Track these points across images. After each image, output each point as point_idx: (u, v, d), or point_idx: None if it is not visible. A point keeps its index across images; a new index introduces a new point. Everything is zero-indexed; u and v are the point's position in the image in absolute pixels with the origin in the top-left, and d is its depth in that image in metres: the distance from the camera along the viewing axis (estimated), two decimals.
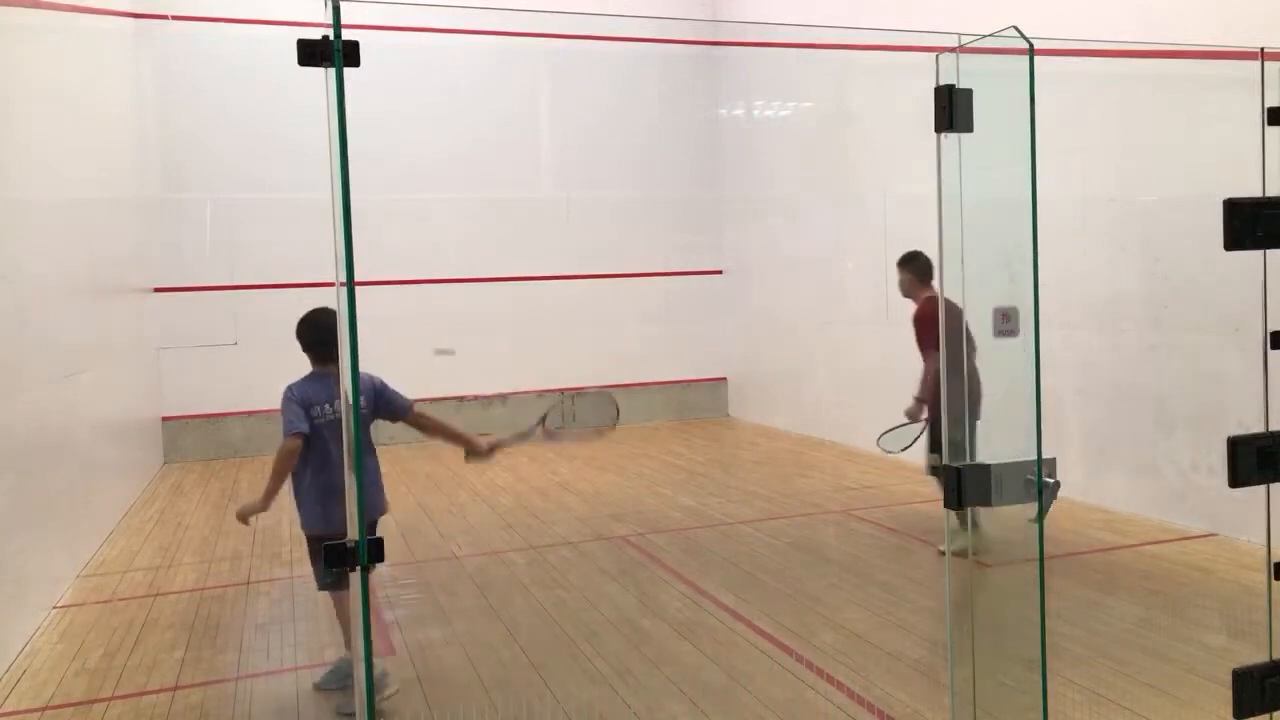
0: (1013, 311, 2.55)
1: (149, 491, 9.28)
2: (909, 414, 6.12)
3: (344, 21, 2.16)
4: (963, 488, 2.43)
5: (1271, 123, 2.68)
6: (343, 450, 3.92)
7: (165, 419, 10.79)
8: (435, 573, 6.23)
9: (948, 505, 2.48)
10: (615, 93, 12.45)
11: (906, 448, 6.05)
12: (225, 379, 10.91)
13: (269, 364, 10.93)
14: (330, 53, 2.15)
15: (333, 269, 2.25)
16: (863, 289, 9.91)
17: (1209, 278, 6.15)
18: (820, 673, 4.35)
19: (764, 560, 6.27)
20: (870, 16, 9.18)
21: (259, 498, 4.37)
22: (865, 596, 5.47)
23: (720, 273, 12.98)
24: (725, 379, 13.08)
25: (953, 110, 2.46)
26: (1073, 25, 6.95)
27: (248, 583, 6.17)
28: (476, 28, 11.04)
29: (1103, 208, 6.99)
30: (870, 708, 3.98)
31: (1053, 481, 2.43)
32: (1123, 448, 7.00)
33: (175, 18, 10.58)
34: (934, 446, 6.10)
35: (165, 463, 10.72)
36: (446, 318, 11.67)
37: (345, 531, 4.03)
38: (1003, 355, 2.59)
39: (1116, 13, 6.75)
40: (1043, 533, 2.47)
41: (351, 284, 2.23)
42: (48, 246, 6.42)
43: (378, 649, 4.80)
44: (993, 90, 2.49)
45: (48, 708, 4.31)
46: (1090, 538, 6.36)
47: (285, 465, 4.33)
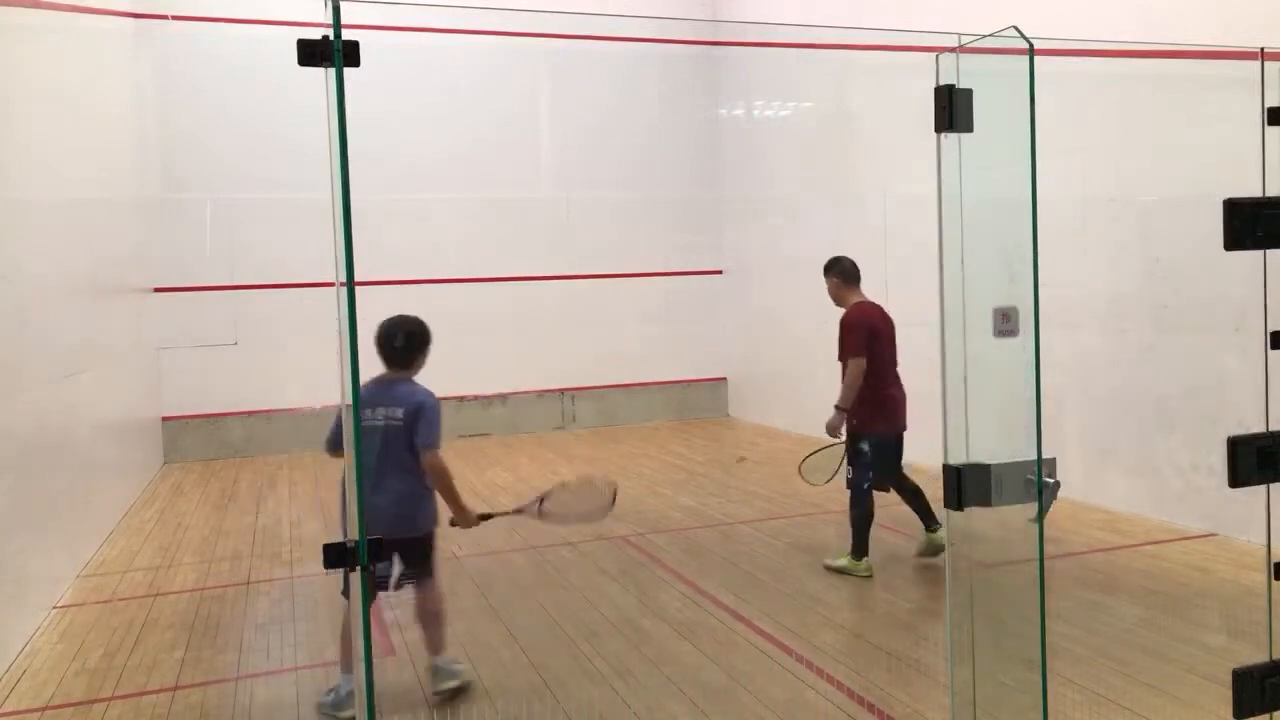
0: (1013, 311, 2.55)
1: (149, 491, 9.28)
2: (830, 427, 5.82)
3: (344, 21, 2.16)
4: (963, 488, 2.43)
5: (1271, 123, 2.68)
6: (385, 456, 4.15)
7: (165, 419, 10.79)
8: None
9: (948, 505, 2.48)
10: (615, 93, 12.45)
11: (830, 479, 5.90)
12: (225, 379, 10.91)
13: (269, 364, 11.00)
14: (330, 53, 2.15)
15: (333, 269, 2.25)
16: (862, 289, 9.90)
17: (1209, 278, 6.15)
18: (820, 673, 4.35)
19: (764, 560, 6.26)
20: (870, 16, 9.18)
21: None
22: (865, 596, 5.47)
23: (720, 273, 12.98)
24: (725, 379, 13.08)
25: (953, 110, 2.46)
26: (1073, 25, 6.95)
27: (248, 583, 6.17)
28: (476, 28, 11.04)
29: (1103, 208, 6.99)
30: (870, 708, 3.98)
31: (1053, 481, 2.42)
32: (1123, 448, 7.00)
33: (175, 18, 10.58)
34: (851, 459, 5.87)
35: (165, 463, 10.72)
36: (446, 318, 11.61)
37: (414, 532, 4.26)
38: (1003, 355, 2.59)
39: (1116, 13, 6.75)
40: (1043, 533, 2.47)
41: (351, 284, 2.23)
42: (48, 246, 6.42)
43: (378, 650, 4.80)
44: (993, 90, 2.49)
45: (48, 708, 4.31)
46: (1090, 538, 6.36)
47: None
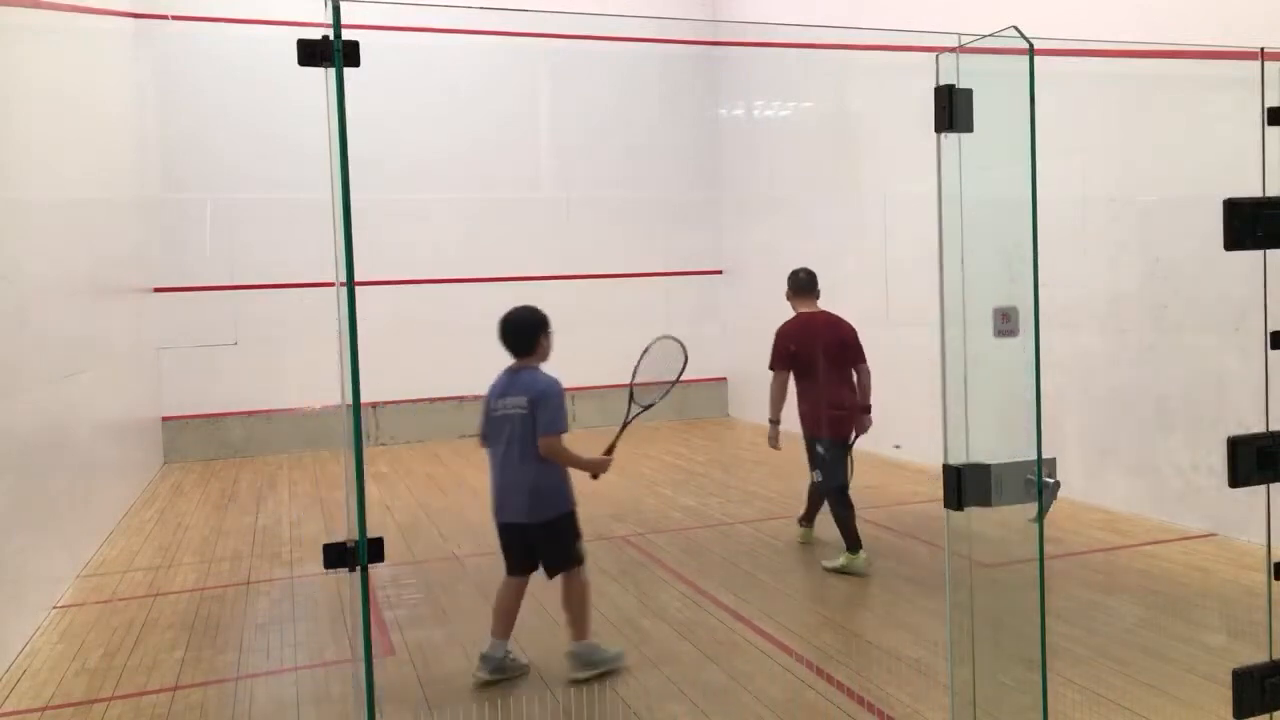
0: (1013, 311, 2.54)
1: (149, 491, 9.28)
2: (768, 439, 6.30)
3: (344, 21, 2.16)
4: (963, 488, 2.43)
5: (1271, 123, 2.68)
6: (514, 443, 4.35)
7: (165, 419, 10.79)
8: (435, 573, 6.22)
9: (948, 505, 2.48)
10: (615, 93, 12.45)
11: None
12: (225, 379, 10.92)
13: (269, 364, 11.00)
14: (330, 53, 2.15)
15: (333, 269, 2.25)
16: (863, 289, 9.90)
17: (1209, 278, 6.15)
18: (820, 673, 4.35)
19: (764, 560, 6.26)
20: (870, 16, 9.18)
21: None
22: (865, 596, 5.47)
23: (720, 273, 12.97)
24: (725, 379, 13.08)
25: (953, 110, 2.46)
26: (1073, 25, 6.95)
27: (248, 583, 6.17)
28: (476, 28, 11.04)
29: (1103, 208, 6.99)
30: (870, 708, 3.98)
31: (1053, 481, 2.42)
32: (1123, 448, 7.00)
33: (175, 18, 10.58)
34: (811, 463, 6.16)
35: (165, 463, 10.72)
36: (447, 318, 11.67)
37: (547, 516, 4.45)
38: (1003, 355, 2.59)
39: (1116, 13, 6.75)
40: (1043, 533, 2.47)
41: (351, 284, 2.23)
42: (48, 246, 6.42)
43: (378, 650, 4.81)
44: (993, 90, 2.49)
45: (48, 708, 4.31)
46: (1090, 538, 6.36)
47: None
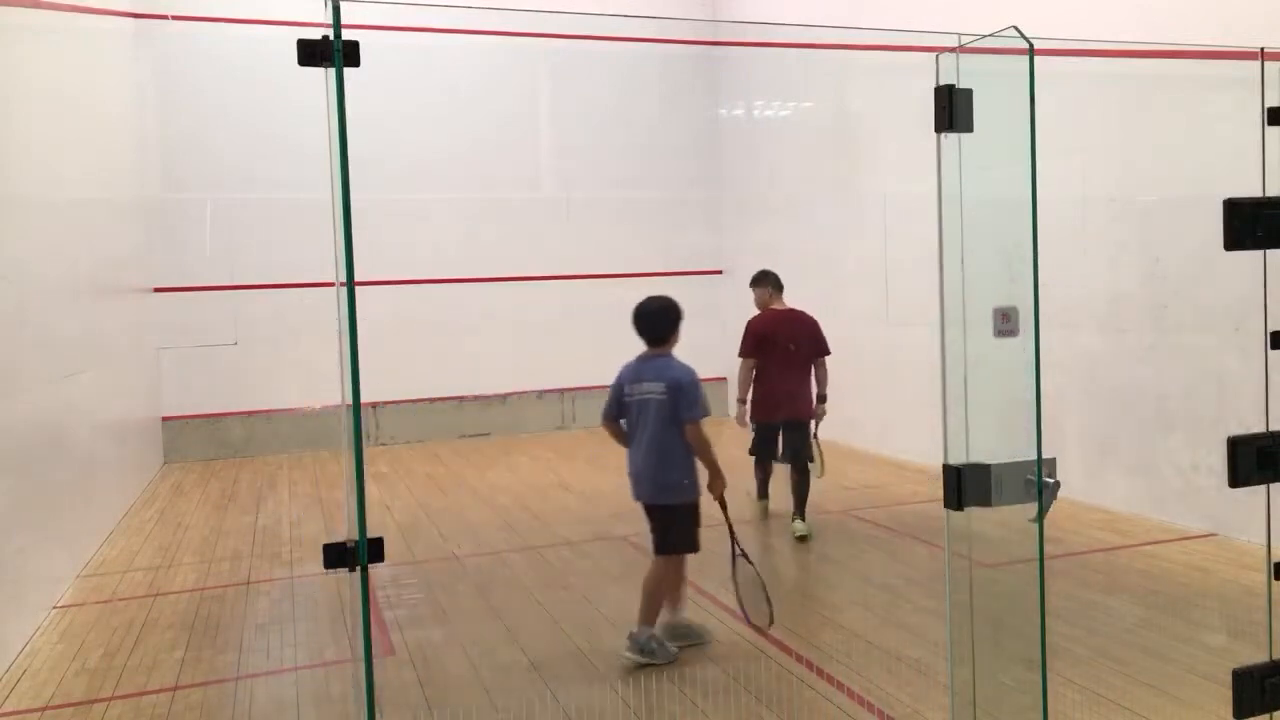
0: (1013, 311, 2.54)
1: (149, 491, 9.28)
2: (735, 418, 6.95)
3: (344, 21, 2.16)
4: (963, 488, 2.42)
5: (1271, 123, 2.68)
6: (647, 428, 4.48)
7: (165, 419, 10.79)
8: (435, 573, 6.23)
9: (948, 505, 2.48)
10: (615, 93, 12.44)
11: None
12: (225, 379, 10.92)
13: (269, 364, 11.00)
14: (330, 53, 2.15)
15: (333, 269, 2.25)
16: (863, 289, 9.91)
17: (1209, 278, 6.15)
18: (820, 673, 4.35)
19: (764, 560, 6.26)
20: (870, 16, 9.18)
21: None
22: (865, 596, 5.47)
23: (720, 273, 12.97)
24: (725, 379, 13.06)
25: (953, 110, 2.46)
26: (1073, 25, 6.95)
27: (248, 583, 6.17)
28: (476, 28, 11.03)
29: (1103, 208, 6.99)
30: (870, 708, 3.98)
31: (1053, 481, 2.42)
32: (1123, 448, 7.00)
33: (175, 18, 10.57)
34: (752, 449, 7.00)
35: (165, 463, 10.72)
36: (446, 318, 11.67)
37: (670, 500, 4.61)
38: (1003, 355, 2.59)
39: (1116, 13, 6.75)
40: (1043, 533, 2.47)
41: (351, 284, 2.23)
42: (48, 246, 6.42)
43: (378, 650, 4.81)
44: (993, 90, 2.49)
45: (48, 708, 4.31)
46: (1090, 538, 6.36)
47: (616, 442, 4.81)
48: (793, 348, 6.71)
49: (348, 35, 2.16)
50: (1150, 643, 4.53)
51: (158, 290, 10.68)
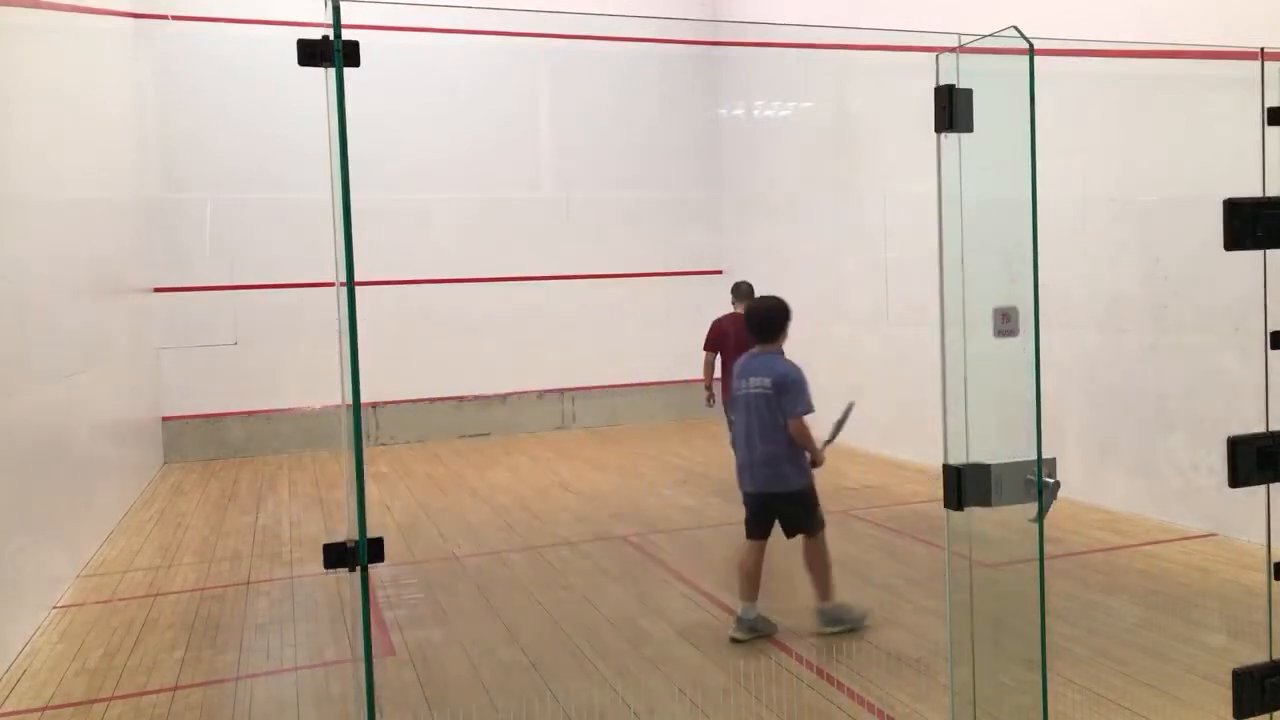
0: (1013, 311, 2.54)
1: (149, 491, 9.28)
2: (707, 401, 8.21)
3: (344, 21, 2.16)
4: (963, 488, 2.42)
5: (1271, 123, 2.68)
6: (756, 421, 4.76)
7: (165, 419, 10.79)
8: (435, 573, 6.23)
9: (948, 505, 2.48)
10: (615, 93, 12.45)
11: None
12: (225, 379, 10.92)
13: (269, 364, 11.00)
14: (330, 53, 2.15)
15: (333, 269, 2.25)
16: (863, 289, 9.91)
17: (1209, 278, 6.15)
18: (820, 673, 4.35)
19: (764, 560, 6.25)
20: (870, 16, 9.18)
21: None
22: (865, 596, 5.46)
23: (720, 273, 12.96)
24: None
25: (953, 110, 2.46)
26: (1073, 25, 6.95)
27: (248, 583, 6.17)
28: (476, 28, 11.04)
29: (1103, 208, 6.99)
30: (870, 708, 3.98)
31: (1053, 481, 2.42)
32: (1123, 448, 7.00)
33: (175, 18, 10.58)
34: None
35: (165, 463, 10.72)
36: (447, 318, 11.67)
37: (786, 489, 4.81)
38: (1003, 355, 2.59)
39: (1116, 13, 6.75)
40: (1043, 533, 2.47)
41: (351, 284, 2.23)
42: (48, 246, 6.42)
43: (378, 650, 4.81)
44: (993, 90, 2.49)
45: (48, 708, 4.31)
46: (1090, 538, 6.36)
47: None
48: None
49: (348, 35, 2.16)
50: (1150, 643, 4.53)
51: (158, 290, 10.68)
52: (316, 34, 2.17)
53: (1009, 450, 2.45)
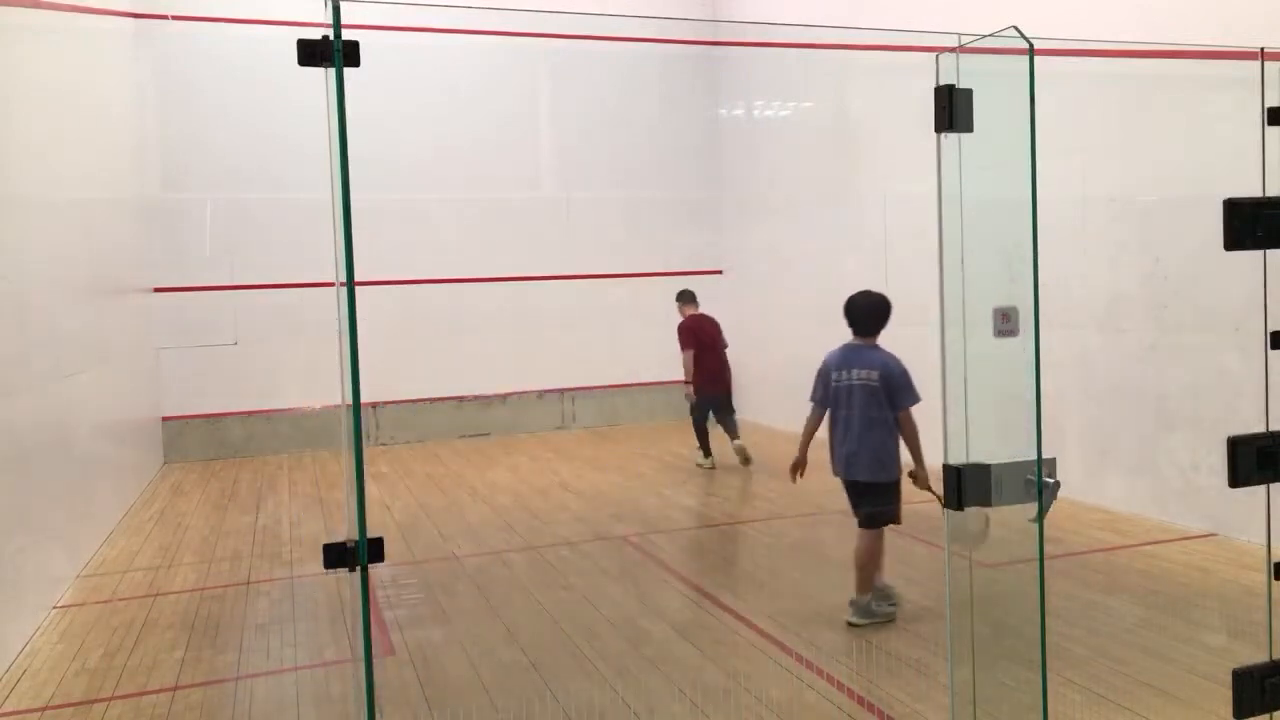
0: (1013, 311, 2.55)
1: (149, 491, 9.28)
2: (687, 395, 9.40)
3: (344, 21, 2.16)
4: (963, 488, 2.42)
5: (1271, 123, 2.68)
6: (860, 411, 4.88)
7: (165, 419, 10.79)
8: (435, 573, 6.23)
9: (948, 505, 2.48)
10: (615, 93, 12.45)
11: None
12: (225, 379, 10.92)
13: (269, 364, 11.01)
14: (330, 53, 2.15)
15: (333, 269, 2.25)
16: (862, 289, 9.89)
17: (1209, 278, 6.15)
18: (820, 673, 4.35)
19: (764, 560, 6.27)
20: (870, 16, 9.18)
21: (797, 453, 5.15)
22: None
23: (720, 273, 12.97)
24: None
25: (953, 110, 2.46)
26: (1073, 25, 6.95)
27: (248, 583, 6.17)
28: (476, 28, 11.04)
29: (1103, 208, 6.99)
30: (870, 708, 3.98)
31: (1053, 481, 2.42)
32: (1123, 448, 7.00)
33: (175, 18, 10.58)
34: (694, 412, 9.44)
35: (165, 463, 10.72)
36: (447, 318, 11.67)
37: (884, 478, 4.93)
38: (1003, 355, 2.59)
39: (1116, 13, 6.75)
40: (1043, 533, 2.47)
41: (351, 284, 2.23)
42: (48, 246, 6.42)
43: (378, 649, 4.81)
44: (993, 90, 2.49)
45: (48, 708, 4.31)
46: (1090, 538, 6.36)
47: (808, 428, 5.17)
48: (714, 341, 9.37)
49: (348, 35, 2.16)
50: (1150, 643, 4.53)
51: (158, 290, 10.68)
52: (316, 34, 2.17)
53: (1009, 450, 2.45)
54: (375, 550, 2.29)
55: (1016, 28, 2.32)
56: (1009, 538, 2.60)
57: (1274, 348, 2.65)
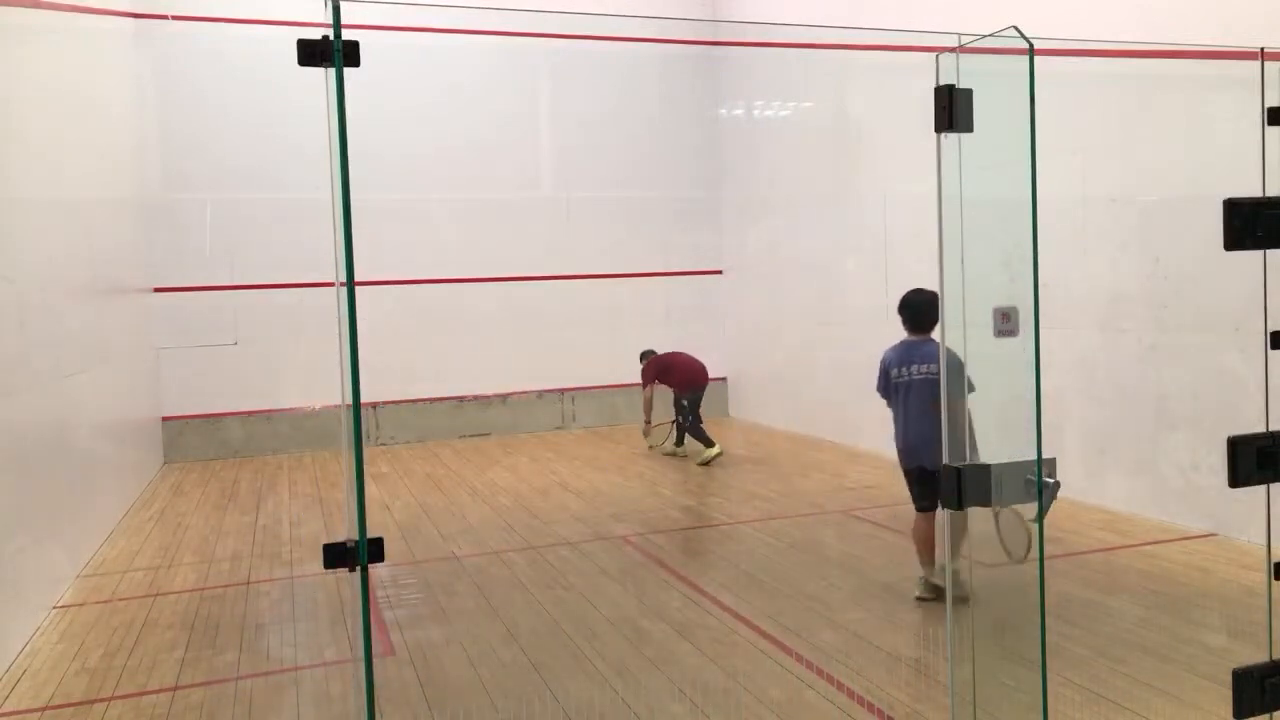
0: (1013, 311, 2.55)
1: (149, 491, 9.28)
2: (644, 433, 10.55)
3: (344, 21, 2.16)
4: (963, 488, 2.43)
5: (1271, 123, 2.68)
6: (921, 403, 5.13)
7: (165, 419, 10.79)
8: (435, 573, 6.23)
9: (948, 505, 2.48)
10: (615, 93, 12.45)
11: (663, 441, 10.55)
12: (225, 379, 10.92)
13: (269, 364, 11.01)
14: (330, 53, 2.15)
15: (333, 269, 2.25)
16: (863, 289, 9.91)
17: (1209, 278, 6.15)
18: (820, 673, 4.35)
19: (764, 560, 6.27)
20: (870, 16, 9.18)
21: None
22: (865, 596, 5.47)
23: (720, 273, 12.98)
24: (725, 379, 13.08)
25: (953, 110, 2.46)
26: (1073, 25, 6.95)
27: (248, 583, 6.17)
28: (476, 28, 11.04)
29: (1103, 208, 6.99)
30: (870, 708, 3.98)
31: (1053, 481, 2.42)
32: (1123, 448, 7.00)
33: (175, 18, 10.58)
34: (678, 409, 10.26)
35: (165, 463, 10.72)
36: (447, 318, 11.68)
37: (935, 466, 4.87)
38: (1003, 355, 2.59)
39: (1116, 13, 6.75)
40: (1043, 533, 2.47)
41: (351, 284, 2.23)
42: (48, 246, 6.42)
43: (378, 649, 4.81)
44: (993, 90, 2.49)
45: (48, 708, 4.31)
46: (1090, 538, 6.36)
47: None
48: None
49: (348, 35, 2.16)
50: (1150, 643, 4.53)
51: (158, 290, 10.68)
52: (316, 34, 2.17)
53: (1009, 450, 2.46)
54: (375, 550, 2.29)
55: (1016, 28, 2.32)
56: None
57: (1274, 348, 2.65)
